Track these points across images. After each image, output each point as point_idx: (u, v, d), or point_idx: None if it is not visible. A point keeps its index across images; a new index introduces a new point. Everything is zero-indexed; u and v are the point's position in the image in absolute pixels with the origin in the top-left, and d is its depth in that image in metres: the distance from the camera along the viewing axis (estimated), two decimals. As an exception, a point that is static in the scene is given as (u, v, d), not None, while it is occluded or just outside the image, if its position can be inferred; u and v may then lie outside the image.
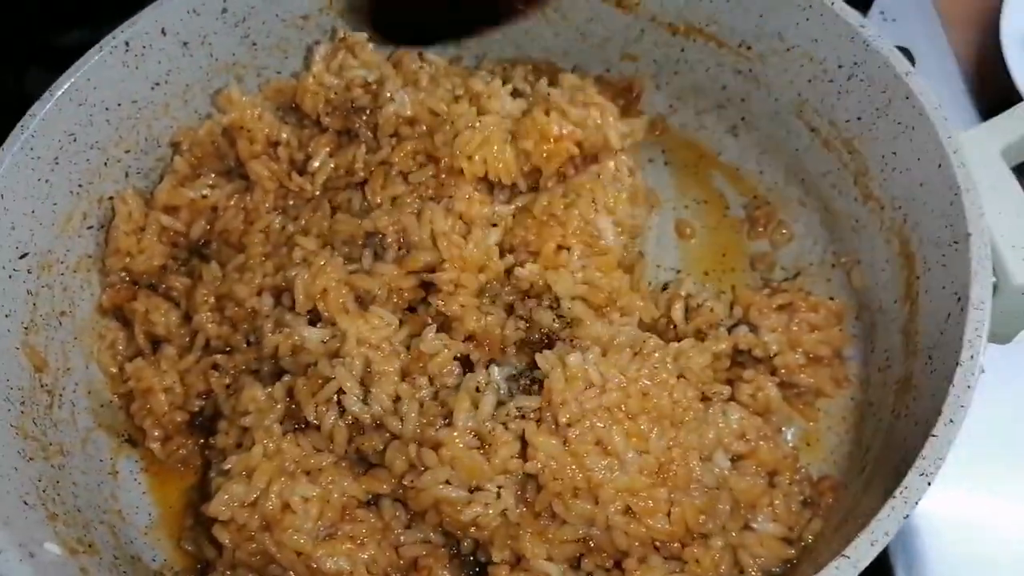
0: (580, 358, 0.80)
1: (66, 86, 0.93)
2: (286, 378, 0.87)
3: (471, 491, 0.78)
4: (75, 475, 0.86)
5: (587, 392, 0.78)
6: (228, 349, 0.95)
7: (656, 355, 0.84)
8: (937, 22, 1.44)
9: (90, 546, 0.78)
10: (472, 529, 0.79)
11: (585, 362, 0.80)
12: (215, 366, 0.93)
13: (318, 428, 0.83)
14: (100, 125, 0.98)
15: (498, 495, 0.77)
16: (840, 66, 0.96)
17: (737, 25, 1.05)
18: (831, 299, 0.98)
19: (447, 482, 0.78)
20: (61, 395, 0.91)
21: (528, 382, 0.83)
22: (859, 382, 0.92)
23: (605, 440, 0.76)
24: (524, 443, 0.78)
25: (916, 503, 0.62)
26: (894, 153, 0.91)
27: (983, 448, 1.02)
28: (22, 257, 0.90)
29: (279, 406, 0.85)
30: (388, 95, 1.01)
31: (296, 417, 0.85)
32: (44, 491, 0.79)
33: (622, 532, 0.76)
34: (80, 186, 0.98)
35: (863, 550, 0.60)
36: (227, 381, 0.92)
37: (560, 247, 0.95)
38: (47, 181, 0.93)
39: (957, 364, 0.68)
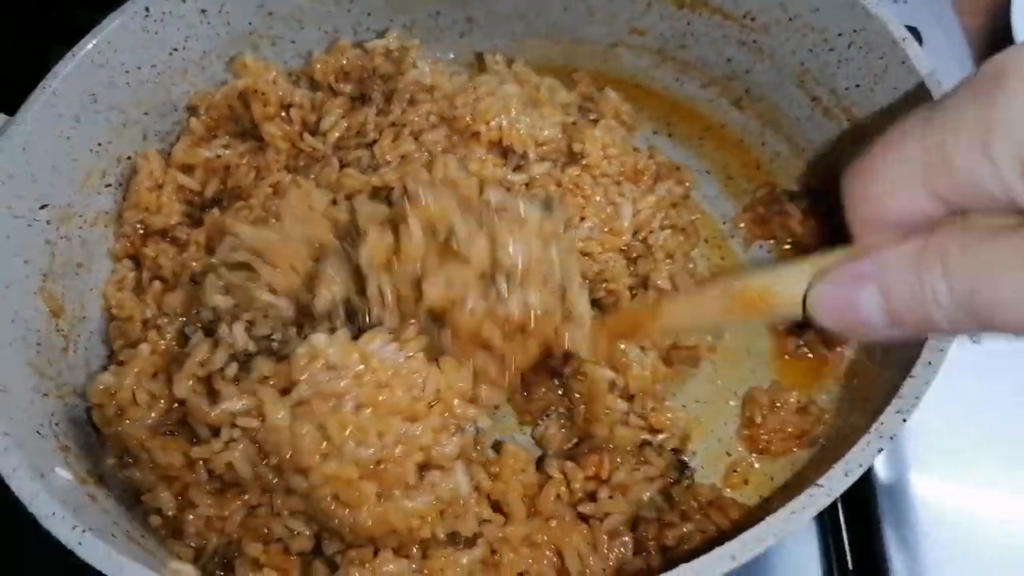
0: (326, 339, 0.74)
1: (88, 47, 0.97)
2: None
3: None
4: (85, 415, 0.90)
5: (325, 373, 0.73)
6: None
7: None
8: (948, 6, 1.45)
9: (99, 478, 0.82)
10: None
11: (330, 343, 0.74)
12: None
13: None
14: (120, 87, 1.02)
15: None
16: (840, 34, 0.97)
17: (740, -3, 1.07)
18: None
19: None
20: (76, 341, 0.95)
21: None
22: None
23: (327, 425, 0.72)
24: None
25: (891, 438, 0.64)
26: (892, 120, 0.92)
27: (979, 437, 1.04)
28: (42, 207, 0.94)
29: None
30: (411, 61, 1.05)
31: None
32: (57, 425, 0.83)
33: (335, 519, 0.75)
34: (100, 145, 1.02)
35: (837, 480, 0.62)
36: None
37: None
38: (68, 138, 0.97)
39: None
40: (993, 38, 1.45)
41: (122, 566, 0.62)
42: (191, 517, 0.80)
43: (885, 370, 0.81)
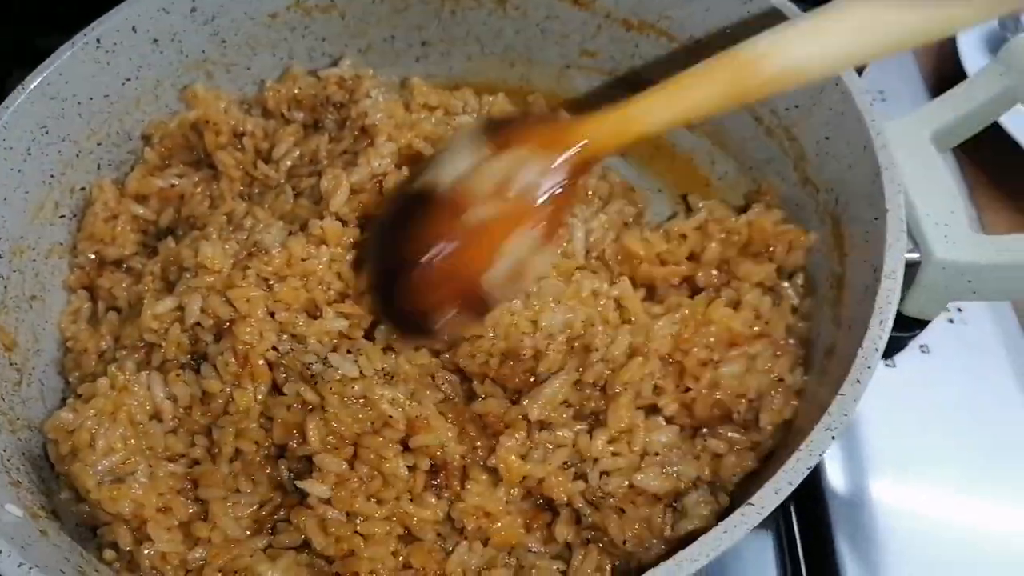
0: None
1: (38, 80, 0.98)
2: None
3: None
4: (40, 450, 0.90)
5: None
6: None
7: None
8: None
9: (52, 512, 0.82)
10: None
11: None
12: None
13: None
14: (72, 118, 1.03)
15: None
16: (779, 56, 1.00)
17: (686, 19, 1.09)
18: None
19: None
20: (31, 374, 0.95)
21: None
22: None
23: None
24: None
25: (820, 455, 0.66)
26: (827, 138, 0.95)
27: (930, 443, 1.07)
28: (-7, 243, 0.94)
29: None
30: (365, 91, 1.06)
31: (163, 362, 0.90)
32: (9, 460, 0.83)
33: None
34: (52, 176, 1.02)
35: (768, 498, 0.64)
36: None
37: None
38: (19, 171, 0.97)
39: (867, 329, 0.72)
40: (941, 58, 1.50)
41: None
42: (147, 552, 0.80)
43: (821, 388, 0.83)
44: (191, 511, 0.83)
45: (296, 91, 1.10)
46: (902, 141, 0.91)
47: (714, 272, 0.97)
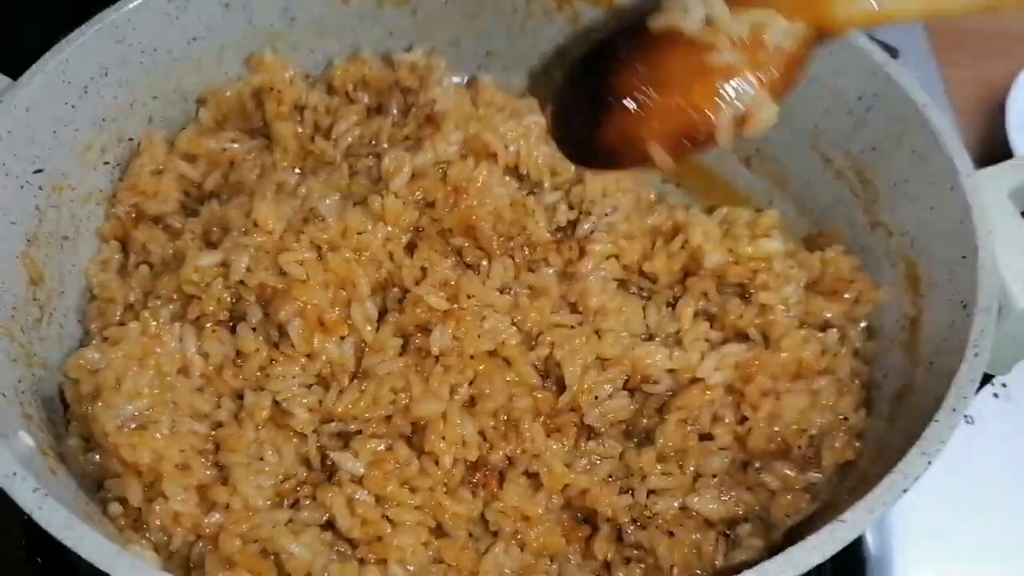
0: None
1: (107, 21, 0.95)
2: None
3: None
4: (54, 391, 0.84)
5: None
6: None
7: None
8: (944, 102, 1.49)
9: (59, 455, 0.76)
10: None
11: None
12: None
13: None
14: (133, 66, 1.00)
15: None
16: (859, 98, 0.99)
17: (762, 56, 1.08)
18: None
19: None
20: (52, 314, 0.90)
21: None
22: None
23: None
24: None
25: (914, 479, 0.62)
26: (906, 180, 0.93)
27: (967, 518, 1.02)
28: (37, 172, 0.90)
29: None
30: (436, 80, 1.04)
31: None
32: (22, 392, 0.77)
33: None
34: (104, 120, 0.99)
35: (861, 518, 0.59)
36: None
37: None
38: (73, 107, 0.94)
39: (962, 360, 0.69)
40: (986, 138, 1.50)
41: (83, 535, 0.56)
42: (158, 509, 0.73)
43: (892, 429, 0.79)
44: (209, 474, 0.76)
45: (365, 72, 1.07)
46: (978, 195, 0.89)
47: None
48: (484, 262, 0.94)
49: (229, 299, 0.85)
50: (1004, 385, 1.16)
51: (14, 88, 0.88)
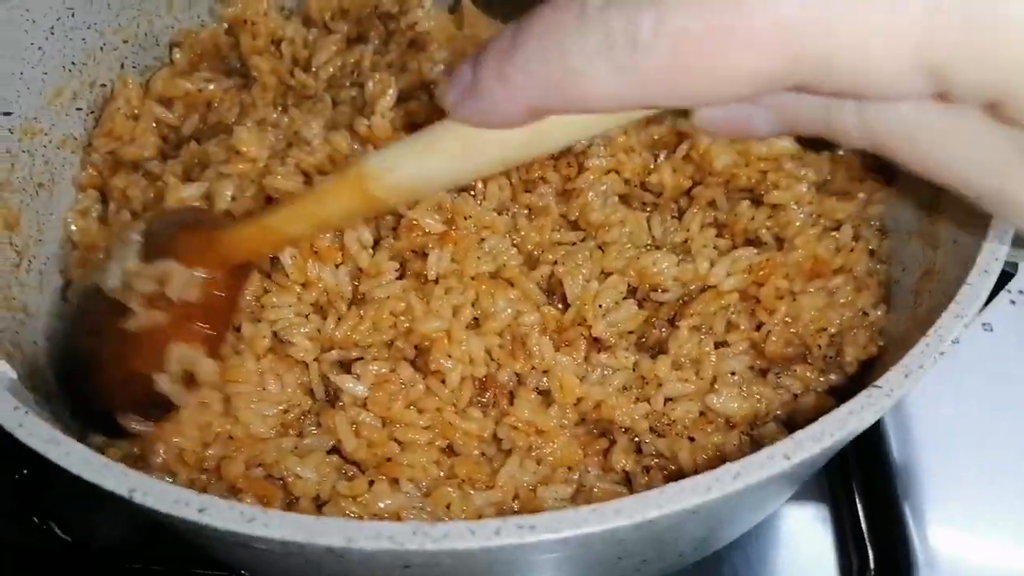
0: None
1: (71, -43, 0.91)
2: None
3: None
4: (38, 337, 0.80)
5: None
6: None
7: None
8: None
9: (46, 395, 0.72)
10: None
11: None
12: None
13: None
14: (100, 7, 0.96)
15: None
16: None
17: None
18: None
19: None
20: (31, 261, 0.86)
21: None
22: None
23: None
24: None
25: (950, 341, 0.58)
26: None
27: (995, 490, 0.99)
28: (5, 114, 0.85)
29: None
30: (417, 1, 1.00)
31: None
32: (2, 331, 0.73)
33: None
34: (74, 64, 0.94)
35: (896, 381, 0.56)
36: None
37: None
38: (40, 48, 0.90)
39: (987, 229, 0.65)
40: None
41: (69, 449, 0.52)
42: (161, 448, 0.70)
43: (916, 316, 0.76)
44: (213, 409, 0.72)
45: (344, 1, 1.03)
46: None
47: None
48: (479, 184, 0.90)
49: (215, 230, 0.81)
50: (1021, 292, 1.13)
51: (-24, 26, 0.83)
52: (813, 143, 1.01)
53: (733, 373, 0.76)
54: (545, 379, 0.77)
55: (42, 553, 0.89)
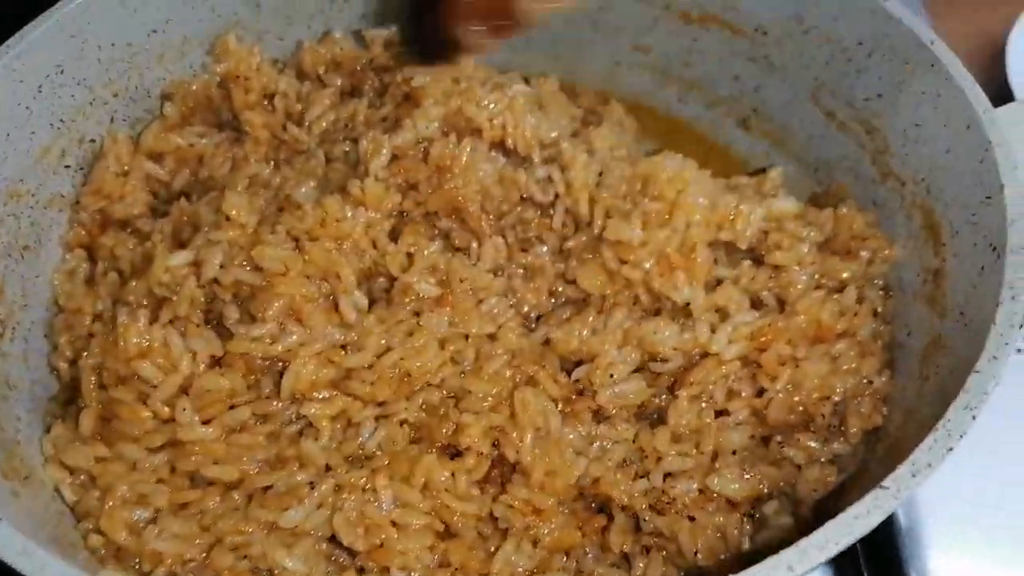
0: None
1: (59, 15, 0.89)
2: None
3: None
4: (19, 410, 0.78)
5: None
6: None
7: None
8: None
9: (26, 478, 0.70)
10: None
11: None
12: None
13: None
14: (90, 62, 0.94)
15: None
16: (860, 43, 0.93)
17: (753, 9, 1.03)
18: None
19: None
20: (15, 329, 0.84)
21: None
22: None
23: None
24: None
25: (959, 437, 0.56)
26: (917, 125, 0.87)
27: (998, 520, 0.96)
28: (-11, 179, 0.84)
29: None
30: None
31: None
32: (-19, 412, 0.71)
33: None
34: (62, 121, 0.93)
35: (904, 481, 0.54)
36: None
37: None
38: (27, 108, 0.88)
39: (998, 305, 0.63)
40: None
41: (44, 563, 0.50)
42: (146, 548, 0.68)
43: (924, 387, 0.74)
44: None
45: (336, 52, 1.02)
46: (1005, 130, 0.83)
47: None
48: (474, 244, 0.88)
49: (203, 299, 0.79)
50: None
51: (-39, 88, 0.82)
52: (816, 200, 0.99)
53: (734, 452, 0.73)
54: (543, 457, 0.75)
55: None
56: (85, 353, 0.79)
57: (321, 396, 0.77)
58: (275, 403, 0.78)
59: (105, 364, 0.77)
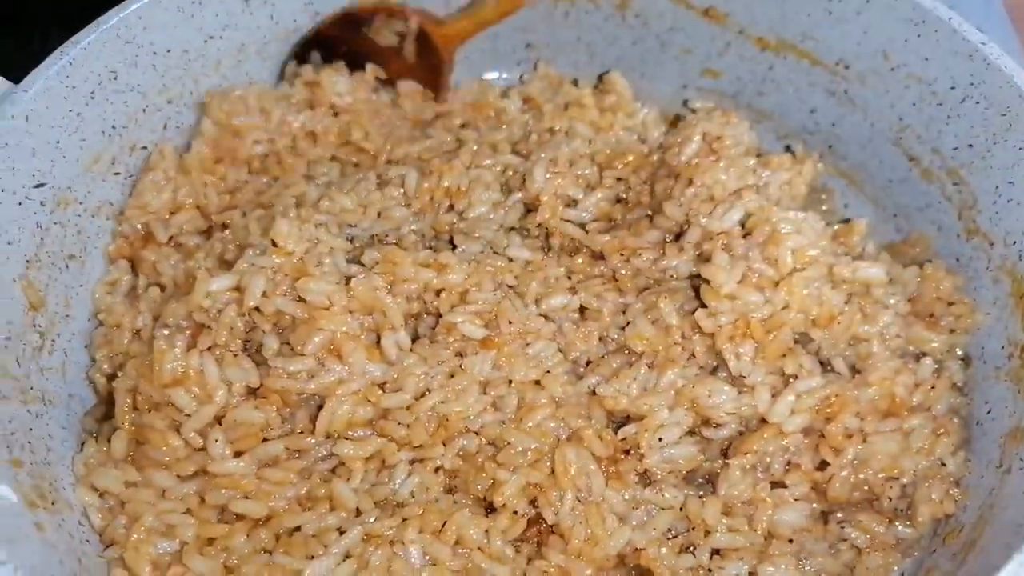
0: None
1: (115, 20, 0.88)
2: None
3: None
4: (52, 427, 0.77)
5: None
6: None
7: None
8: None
9: (53, 503, 0.68)
10: None
11: None
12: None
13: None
14: (145, 68, 0.92)
15: None
16: (952, 87, 0.87)
17: (836, 41, 0.96)
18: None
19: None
20: (55, 341, 0.83)
21: None
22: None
23: None
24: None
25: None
26: (1011, 182, 0.80)
27: None
28: (38, 187, 0.82)
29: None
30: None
31: None
32: (12, 434, 0.70)
33: None
34: (114, 128, 0.91)
35: None
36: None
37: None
38: (79, 115, 0.86)
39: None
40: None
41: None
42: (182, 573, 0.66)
43: (1006, 474, 0.67)
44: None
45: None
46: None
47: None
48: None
49: (243, 327, 0.77)
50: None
51: (13, 94, 0.81)
52: (895, 250, 0.93)
53: (791, 540, 0.68)
54: (582, 520, 0.71)
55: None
56: (121, 374, 0.77)
57: (356, 435, 0.74)
58: (309, 439, 0.75)
59: (140, 388, 0.75)
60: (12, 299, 0.78)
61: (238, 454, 0.74)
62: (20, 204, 0.80)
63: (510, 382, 0.77)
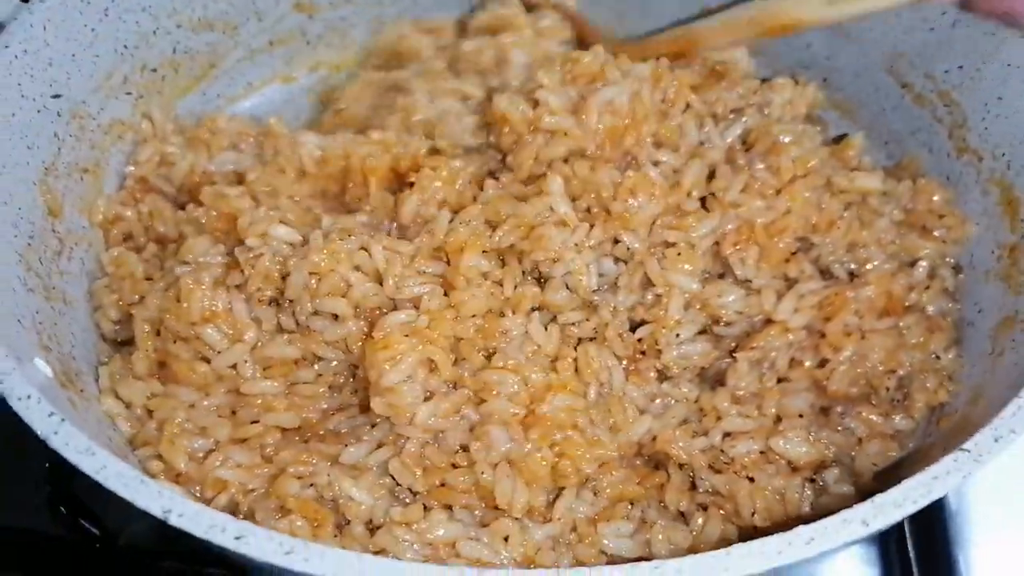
0: None
1: (128, -62, 0.89)
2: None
3: None
4: (74, 327, 0.78)
5: None
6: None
7: None
8: None
9: (81, 391, 0.70)
10: None
11: None
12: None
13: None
14: (156, -12, 0.93)
15: None
16: (943, 12, 0.90)
17: (828, -27, 0.99)
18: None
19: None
20: (72, 249, 0.84)
21: None
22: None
23: None
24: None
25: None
26: (999, 98, 0.84)
27: None
28: (55, 97, 0.83)
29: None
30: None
31: None
32: (40, 323, 0.71)
33: None
34: (126, 47, 0.92)
35: (985, 445, 0.52)
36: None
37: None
38: (93, 30, 0.87)
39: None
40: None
41: (105, 463, 0.50)
42: (219, 462, 0.68)
43: (999, 361, 0.71)
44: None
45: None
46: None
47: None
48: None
49: (278, 275, 0.76)
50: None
51: (32, 3, 0.81)
52: (888, 174, 0.96)
53: (801, 415, 0.72)
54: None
55: (70, 544, 0.87)
56: (138, 306, 0.78)
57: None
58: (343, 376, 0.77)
59: (164, 321, 0.75)
60: (33, 202, 0.79)
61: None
62: (39, 112, 0.81)
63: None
